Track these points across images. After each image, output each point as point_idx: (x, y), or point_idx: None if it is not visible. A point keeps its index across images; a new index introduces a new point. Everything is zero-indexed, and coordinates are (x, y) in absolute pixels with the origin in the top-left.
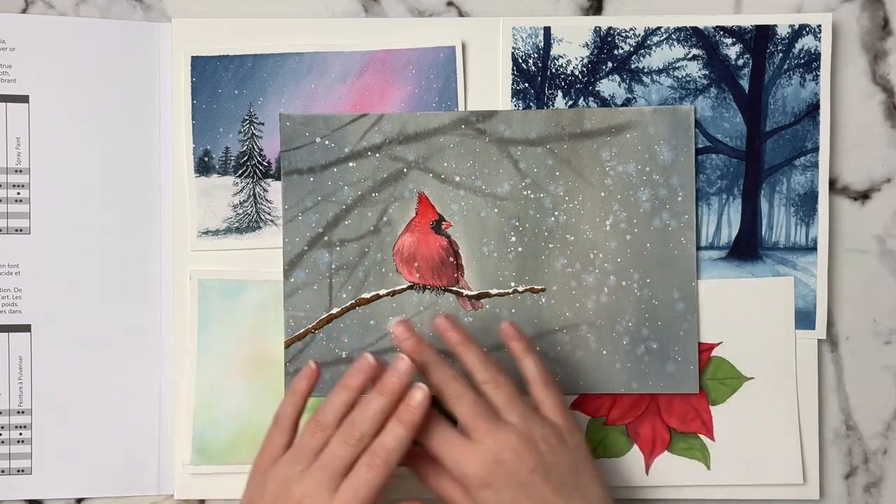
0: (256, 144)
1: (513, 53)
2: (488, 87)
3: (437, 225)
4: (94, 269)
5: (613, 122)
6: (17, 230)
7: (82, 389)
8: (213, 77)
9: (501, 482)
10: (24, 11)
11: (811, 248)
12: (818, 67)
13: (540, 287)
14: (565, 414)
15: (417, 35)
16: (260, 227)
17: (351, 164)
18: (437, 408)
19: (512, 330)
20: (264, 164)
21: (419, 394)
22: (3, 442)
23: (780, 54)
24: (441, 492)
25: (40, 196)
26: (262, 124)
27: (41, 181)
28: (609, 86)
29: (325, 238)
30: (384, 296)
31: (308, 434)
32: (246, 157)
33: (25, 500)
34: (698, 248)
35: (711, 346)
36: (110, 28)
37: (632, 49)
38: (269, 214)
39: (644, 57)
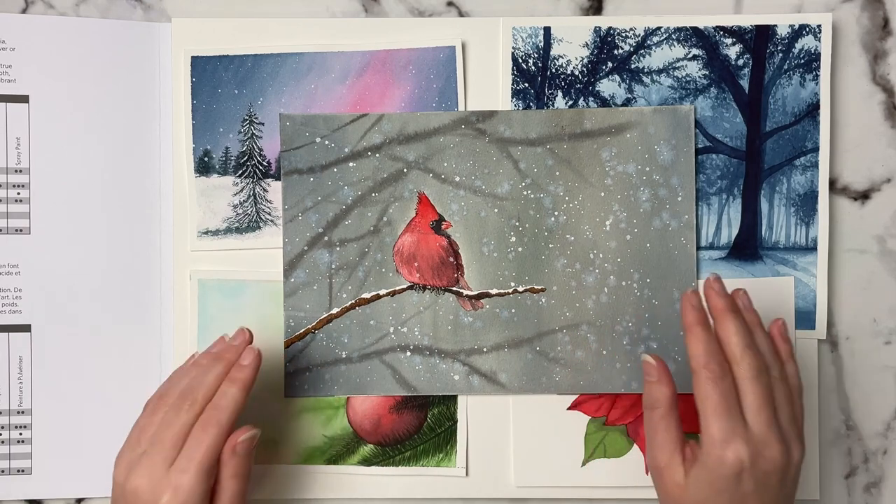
0: (256, 144)
1: (513, 53)
2: (488, 87)
3: (437, 225)
4: (94, 268)
5: (613, 121)
6: (17, 230)
7: (82, 389)
8: (213, 77)
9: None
10: (24, 11)
11: (811, 248)
12: (818, 67)
13: (540, 287)
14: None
15: (417, 35)
16: (260, 227)
17: (351, 164)
18: None
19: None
20: (264, 164)
21: (250, 354)
22: (3, 442)
23: (780, 54)
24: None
25: (40, 196)
26: (262, 124)
27: (41, 181)
28: (609, 86)
29: (325, 238)
30: (384, 296)
31: (149, 410)
32: (246, 157)
33: (25, 500)
34: (698, 248)
35: None
36: (110, 28)
37: (632, 49)
38: (269, 214)
39: (644, 57)
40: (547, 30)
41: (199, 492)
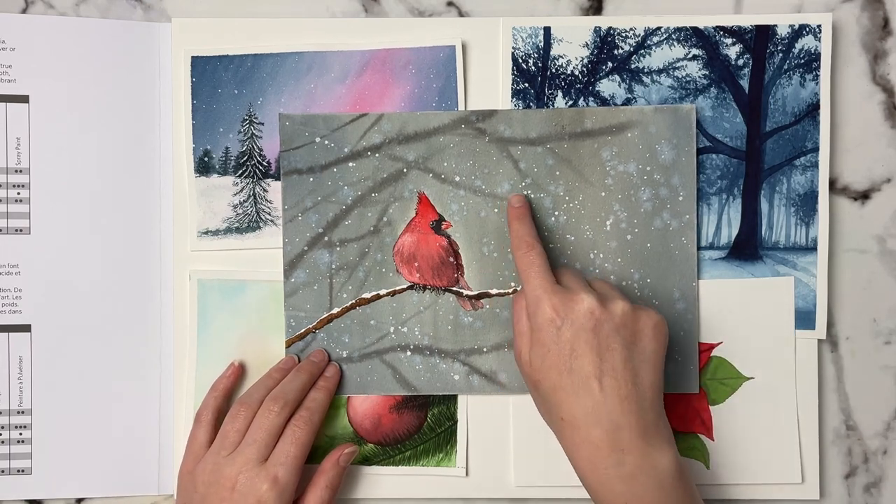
0: (256, 144)
1: (513, 53)
2: (488, 87)
3: (437, 225)
4: (94, 269)
5: (614, 121)
6: (17, 230)
7: (82, 389)
8: (213, 77)
9: (570, 321)
10: (24, 11)
11: (811, 248)
12: (818, 67)
13: None
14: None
15: (417, 35)
16: (260, 227)
17: (351, 164)
18: None
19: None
20: (264, 164)
21: (332, 368)
22: (3, 442)
23: (780, 54)
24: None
25: (40, 196)
26: (262, 124)
27: (41, 181)
28: (609, 86)
29: (325, 238)
30: (384, 296)
31: (231, 417)
32: (246, 157)
33: (25, 500)
34: (698, 248)
35: (711, 346)
36: (110, 28)
37: (632, 49)
38: (269, 214)
39: (644, 57)
40: (547, 30)
41: (293, 483)
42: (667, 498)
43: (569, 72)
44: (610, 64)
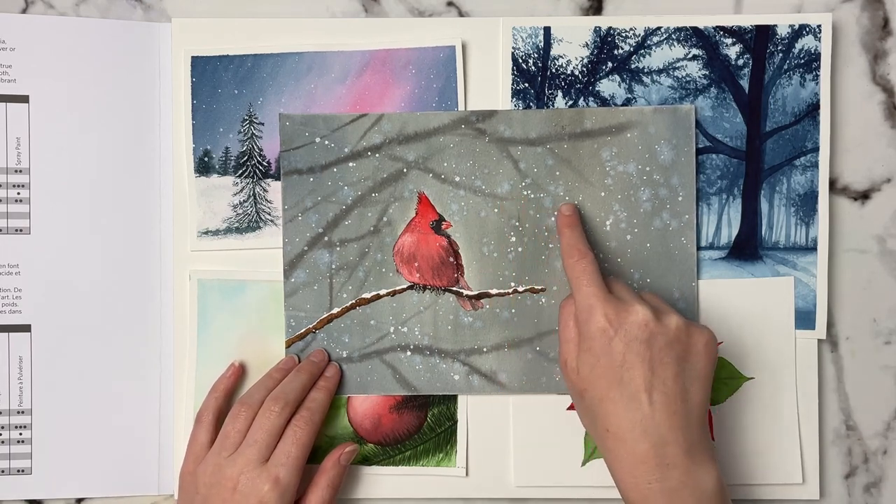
0: (256, 144)
1: (513, 53)
2: (488, 87)
3: (437, 225)
4: (94, 269)
5: (614, 121)
6: (17, 230)
7: (82, 389)
8: (213, 77)
9: (624, 332)
10: (24, 11)
11: (811, 248)
12: (818, 67)
13: (540, 287)
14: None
15: (417, 35)
16: (260, 227)
17: (351, 164)
18: None
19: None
20: (264, 164)
21: (333, 368)
22: (3, 442)
23: (780, 54)
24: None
25: (40, 196)
26: (262, 124)
27: (41, 181)
28: (609, 86)
29: (325, 238)
30: (384, 296)
31: (231, 418)
32: (246, 157)
33: (25, 500)
34: (698, 248)
35: None
36: (110, 28)
37: (632, 49)
38: (269, 214)
39: (644, 57)
40: (547, 30)
41: (294, 484)
42: None
43: (569, 72)
44: (610, 64)
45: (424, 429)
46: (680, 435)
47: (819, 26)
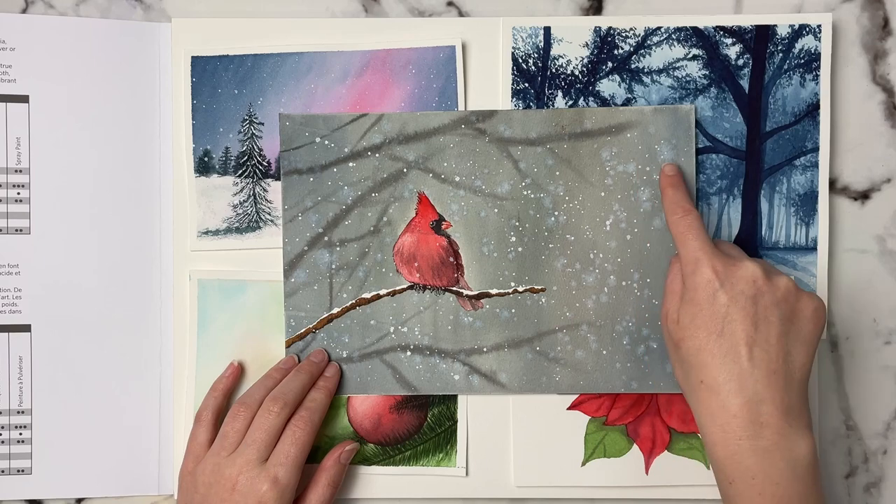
0: (256, 144)
1: (513, 53)
2: (488, 87)
3: (437, 225)
4: (94, 269)
5: (614, 121)
6: (17, 230)
7: (82, 390)
8: (213, 77)
9: (730, 284)
10: (24, 11)
11: (811, 248)
12: (818, 67)
13: (540, 287)
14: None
15: (417, 35)
16: (260, 227)
17: (351, 164)
18: None
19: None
20: (264, 164)
21: (332, 368)
22: (3, 442)
23: (780, 54)
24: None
25: (40, 196)
26: (262, 124)
27: (41, 181)
28: (609, 86)
29: (325, 238)
30: (384, 296)
31: (230, 418)
32: (246, 157)
33: (25, 500)
34: None
35: None
36: (110, 28)
37: (632, 49)
38: (269, 214)
39: (644, 57)
40: (547, 30)
41: (293, 484)
42: (799, 484)
43: (569, 72)
44: (610, 64)
45: (424, 429)
46: (777, 395)
47: (819, 26)
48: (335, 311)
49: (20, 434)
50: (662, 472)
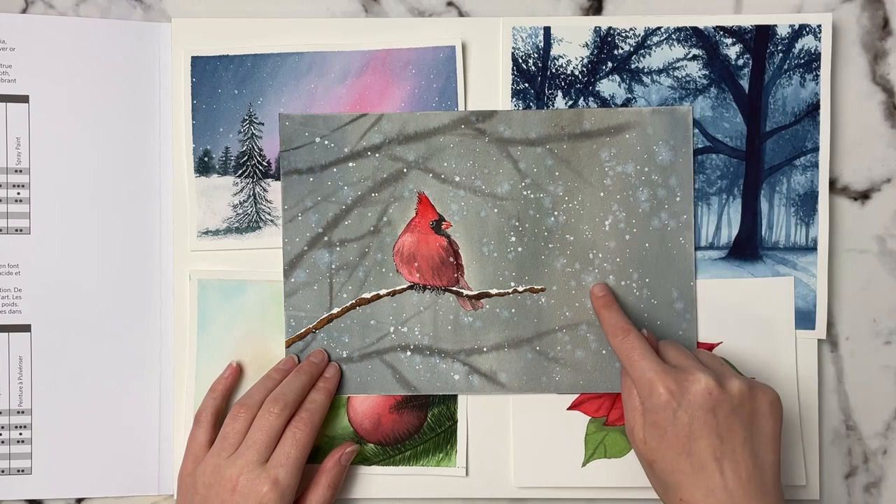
0: (256, 144)
1: (513, 53)
2: (488, 87)
3: (437, 225)
4: (94, 269)
5: (612, 122)
6: (17, 230)
7: (82, 389)
8: (213, 77)
9: (687, 402)
10: (24, 11)
11: (811, 248)
12: (818, 67)
13: (540, 287)
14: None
15: (417, 35)
16: (260, 227)
17: (351, 164)
18: None
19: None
20: (264, 164)
21: (332, 368)
22: (3, 442)
23: (780, 54)
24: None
25: (40, 196)
26: (262, 124)
27: (41, 181)
28: (609, 86)
29: (325, 238)
30: (384, 296)
31: (231, 419)
32: (246, 157)
33: (25, 500)
34: (698, 248)
35: (711, 346)
36: (110, 28)
37: (632, 49)
38: (269, 214)
39: (644, 57)
40: (547, 30)
41: (294, 485)
42: None
43: (569, 72)
44: (610, 64)
45: (424, 429)
46: (754, 500)
47: (819, 26)
48: (335, 311)
49: (20, 434)
50: None
